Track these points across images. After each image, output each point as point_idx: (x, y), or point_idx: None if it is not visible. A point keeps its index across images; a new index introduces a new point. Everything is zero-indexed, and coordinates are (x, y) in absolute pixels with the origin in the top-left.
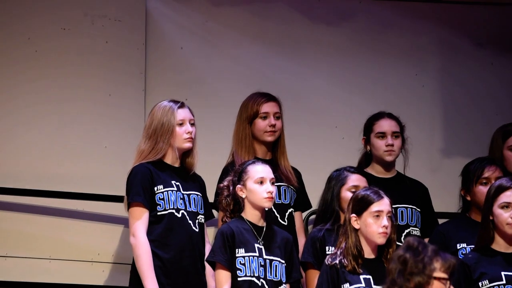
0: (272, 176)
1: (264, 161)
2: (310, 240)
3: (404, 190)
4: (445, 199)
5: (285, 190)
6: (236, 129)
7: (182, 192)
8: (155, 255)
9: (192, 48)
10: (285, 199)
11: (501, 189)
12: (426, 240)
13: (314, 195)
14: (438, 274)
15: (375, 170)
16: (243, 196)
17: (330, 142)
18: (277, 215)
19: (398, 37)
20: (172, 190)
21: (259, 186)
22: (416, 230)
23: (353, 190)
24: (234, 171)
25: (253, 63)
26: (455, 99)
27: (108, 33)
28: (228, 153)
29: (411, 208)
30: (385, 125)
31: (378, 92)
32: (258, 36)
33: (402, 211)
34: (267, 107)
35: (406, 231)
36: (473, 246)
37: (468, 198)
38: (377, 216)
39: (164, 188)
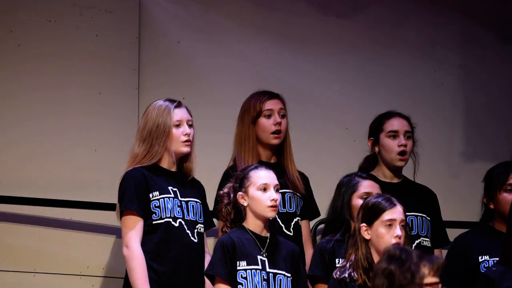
0: (276, 182)
1: (269, 165)
2: (319, 252)
3: (414, 197)
4: (466, 207)
5: (290, 197)
6: (237, 130)
7: (180, 199)
8: (150, 268)
9: (190, 42)
10: (290, 208)
11: None
12: (437, 251)
13: (323, 203)
14: (429, 279)
15: (383, 174)
16: (245, 204)
17: (340, 144)
18: (282, 225)
19: (415, 31)
20: (168, 197)
21: (262, 193)
22: (427, 241)
23: (365, 197)
24: (235, 177)
25: (257, 58)
26: (477, 98)
27: (98, 25)
28: (229, 157)
29: (421, 216)
30: (397, 124)
31: (393, 90)
32: (262, 29)
33: (412, 220)
34: (271, 104)
35: (417, 241)
36: (496, 258)
37: (491, 206)
38: (390, 225)
39: (160, 194)
